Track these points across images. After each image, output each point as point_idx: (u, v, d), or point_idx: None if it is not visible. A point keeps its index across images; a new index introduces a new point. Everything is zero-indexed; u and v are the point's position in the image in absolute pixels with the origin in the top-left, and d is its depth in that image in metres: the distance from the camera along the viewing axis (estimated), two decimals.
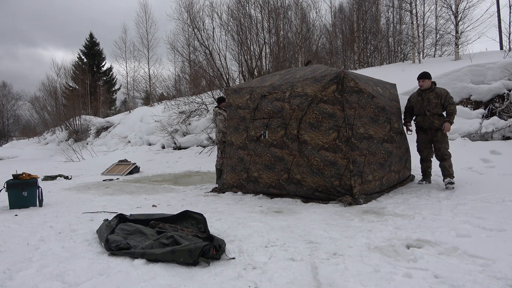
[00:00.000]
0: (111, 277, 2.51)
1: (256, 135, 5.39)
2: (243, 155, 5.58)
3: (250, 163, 5.50)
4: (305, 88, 4.96)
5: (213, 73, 13.91)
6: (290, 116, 5.04)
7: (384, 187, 5.11)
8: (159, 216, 3.74)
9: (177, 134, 14.58)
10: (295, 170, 5.04)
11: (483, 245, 2.80)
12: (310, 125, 4.89)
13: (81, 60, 35.18)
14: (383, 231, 3.28)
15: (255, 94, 5.54)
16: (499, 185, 4.92)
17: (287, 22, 17.15)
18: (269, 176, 5.31)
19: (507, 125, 7.15)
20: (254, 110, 5.46)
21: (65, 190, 7.17)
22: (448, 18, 17.29)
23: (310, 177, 4.91)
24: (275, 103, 5.24)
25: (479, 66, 8.34)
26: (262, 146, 5.33)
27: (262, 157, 5.35)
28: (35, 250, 3.16)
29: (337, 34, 23.74)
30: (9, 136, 41.12)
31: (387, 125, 5.21)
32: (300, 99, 4.97)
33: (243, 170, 5.61)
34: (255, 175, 5.47)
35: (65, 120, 22.71)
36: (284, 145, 5.11)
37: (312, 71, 5.26)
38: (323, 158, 4.78)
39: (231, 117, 5.88)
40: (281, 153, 5.15)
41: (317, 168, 4.83)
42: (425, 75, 5.32)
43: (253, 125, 5.47)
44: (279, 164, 5.19)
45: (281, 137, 5.14)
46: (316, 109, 4.84)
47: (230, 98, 5.90)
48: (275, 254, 2.82)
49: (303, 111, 4.93)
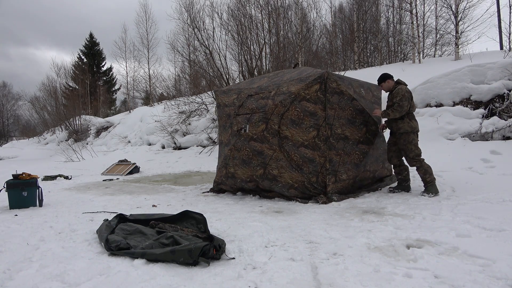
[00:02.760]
0: (111, 277, 2.50)
1: (237, 129, 5.41)
2: (226, 151, 5.62)
3: (230, 158, 5.53)
4: (290, 87, 5.04)
5: (213, 73, 13.91)
6: (272, 111, 5.06)
7: (357, 185, 5.26)
8: (159, 216, 3.74)
9: (177, 134, 14.58)
10: (273, 165, 5.07)
11: (483, 245, 2.80)
12: (291, 121, 4.96)
13: (81, 60, 35.20)
14: (383, 231, 3.28)
15: (242, 94, 5.61)
16: (499, 185, 4.92)
17: (287, 22, 17.15)
18: (244, 172, 5.35)
19: (507, 125, 7.15)
20: (239, 107, 5.52)
21: (65, 190, 7.17)
22: (448, 18, 17.30)
23: (288, 173, 4.95)
24: (260, 101, 5.29)
25: (479, 66, 8.34)
26: (242, 140, 5.33)
27: (241, 152, 5.36)
28: (35, 250, 3.16)
29: (337, 34, 23.74)
30: (9, 136, 41.12)
31: (363, 128, 5.35)
32: (284, 96, 5.02)
33: (223, 166, 5.67)
34: (231, 170, 5.52)
35: (65, 120, 22.70)
36: (264, 139, 5.13)
37: (299, 73, 5.32)
38: (302, 155, 4.88)
39: (220, 117, 5.96)
40: (261, 147, 5.17)
41: (296, 164, 4.91)
42: (379, 79, 5.20)
43: (236, 120, 5.50)
44: (256, 159, 5.21)
45: (261, 131, 5.14)
46: (298, 106, 4.91)
47: (219, 98, 5.97)
48: (275, 254, 2.82)
49: (285, 107, 4.98)
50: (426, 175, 4.87)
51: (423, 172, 4.90)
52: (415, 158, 4.97)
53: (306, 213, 4.18)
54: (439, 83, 8.69)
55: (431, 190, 4.82)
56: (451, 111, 8.13)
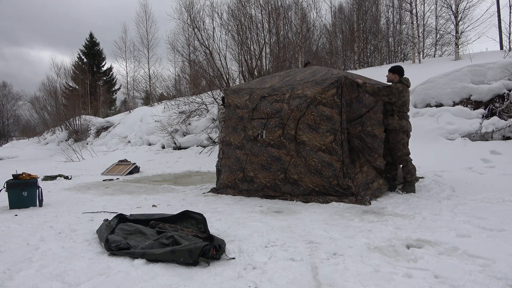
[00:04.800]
0: (111, 277, 2.50)
1: (254, 135, 5.38)
2: (240, 155, 5.57)
3: (246, 163, 5.49)
4: (305, 90, 5.00)
5: (213, 73, 13.90)
6: (288, 116, 5.05)
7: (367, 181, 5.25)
8: (159, 216, 3.74)
9: (177, 134, 14.58)
10: (292, 170, 5.06)
11: (483, 245, 2.80)
12: (308, 126, 4.94)
13: (81, 60, 35.19)
14: (383, 231, 3.28)
15: (254, 95, 5.54)
16: (499, 185, 4.93)
17: (287, 22, 17.15)
18: (265, 176, 5.31)
19: (507, 125, 7.15)
20: (253, 110, 5.46)
21: (65, 190, 7.16)
22: (448, 18, 17.32)
23: (308, 177, 4.94)
24: (275, 104, 5.25)
25: (479, 66, 8.35)
26: (259, 145, 5.32)
27: (259, 157, 5.34)
28: (35, 250, 3.15)
29: (337, 34, 23.74)
30: (9, 136, 41.13)
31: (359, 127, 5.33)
32: (300, 100, 5.00)
33: (239, 169, 5.61)
34: (251, 174, 5.47)
35: (65, 120, 22.70)
36: (281, 145, 5.12)
37: (312, 74, 5.28)
38: (321, 159, 4.85)
39: (229, 117, 5.87)
40: (278, 153, 5.16)
41: (315, 169, 4.88)
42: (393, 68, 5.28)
43: (250, 125, 5.46)
44: (275, 164, 5.19)
45: (278, 137, 5.14)
46: (315, 111, 4.89)
47: (229, 98, 5.90)
48: (275, 254, 2.82)
49: (301, 112, 4.96)
50: (408, 175, 5.08)
51: (406, 171, 5.10)
52: (403, 157, 5.15)
53: (306, 213, 4.18)
54: (439, 83, 8.69)
55: (407, 189, 5.03)
56: (451, 111, 8.13)
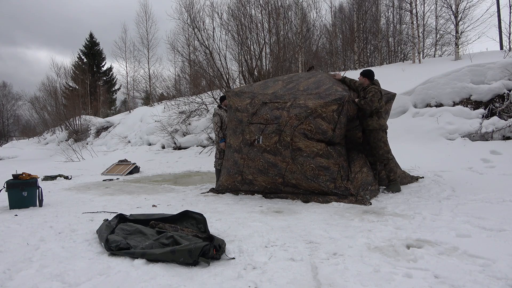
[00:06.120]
0: (111, 277, 2.51)
1: (251, 140, 5.35)
2: (238, 158, 5.55)
3: (244, 167, 5.46)
4: (308, 101, 5.02)
5: (213, 73, 13.89)
6: (285, 123, 5.04)
7: None
8: (159, 216, 3.74)
9: (177, 134, 14.58)
10: (289, 176, 5.08)
11: (483, 245, 2.80)
12: (304, 135, 4.97)
13: (81, 60, 35.19)
14: (383, 231, 3.28)
15: (256, 100, 5.50)
16: (499, 185, 4.92)
17: (287, 22, 17.13)
18: (265, 179, 5.32)
19: (507, 125, 7.15)
20: (253, 114, 5.43)
21: (65, 190, 7.16)
22: (448, 18, 17.29)
23: (305, 183, 4.99)
24: (275, 111, 5.24)
25: (479, 66, 8.35)
26: (255, 151, 5.30)
27: (256, 162, 5.32)
28: (35, 250, 3.16)
29: (337, 34, 23.73)
30: (9, 136, 41.12)
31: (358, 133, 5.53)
32: (300, 109, 5.01)
33: (237, 173, 5.59)
34: (249, 177, 5.47)
35: (65, 120, 22.72)
36: (277, 152, 5.10)
37: (316, 85, 5.26)
38: (318, 164, 4.87)
39: (230, 119, 5.85)
40: (274, 159, 5.14)
41: (311, 175, 4.89)
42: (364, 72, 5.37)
43: (248, 129, 5.42)
44: (272, 170, 5.19)
45: (274, 143, 5.11)
46: (313, 122, 4.92)
47: (231, 100, 5.86)
48: (275, 254, 2.82)
49: (300, 120, 4.96)
50: (391, 173, 5.13)
51: (389, 170, 5.14)
52: (385, 155, 5.20)
53: (306, 213, 4.18)
54: (439, 83, 8.69)
55: (392, 188, 5.09)
56: (451, 111, 8.13)
